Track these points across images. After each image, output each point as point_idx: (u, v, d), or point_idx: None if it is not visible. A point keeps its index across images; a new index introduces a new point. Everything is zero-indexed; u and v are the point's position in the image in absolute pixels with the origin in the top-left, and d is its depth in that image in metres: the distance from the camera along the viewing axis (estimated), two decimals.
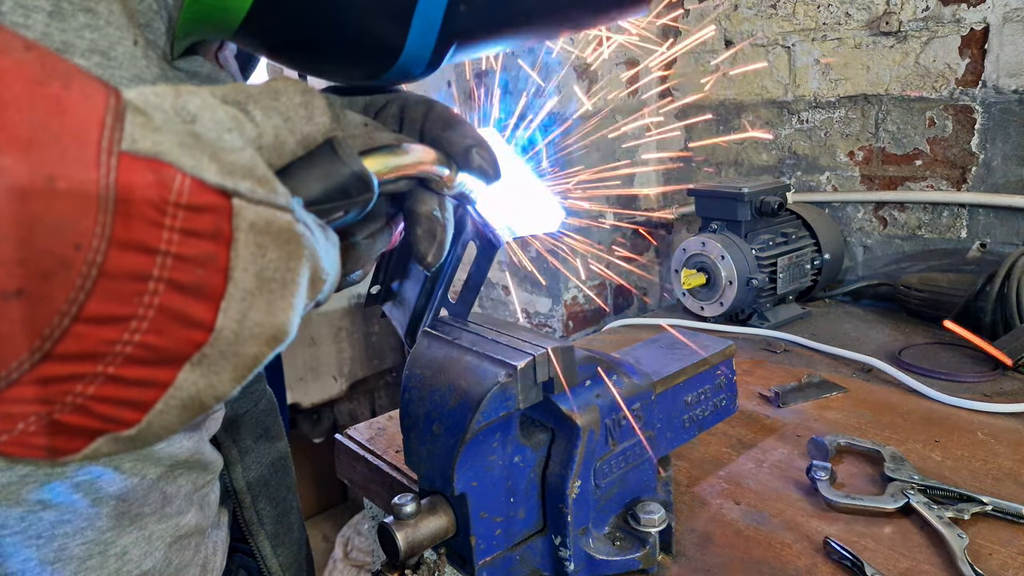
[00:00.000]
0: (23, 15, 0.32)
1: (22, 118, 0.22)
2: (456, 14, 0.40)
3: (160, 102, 0.26)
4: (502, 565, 0.54)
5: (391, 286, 0.63)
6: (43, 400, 0.25)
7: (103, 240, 0.24)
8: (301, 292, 0.30)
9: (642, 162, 1.70)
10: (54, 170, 0.23)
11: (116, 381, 0.26)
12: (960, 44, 1.19)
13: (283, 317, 0.29)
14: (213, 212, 0.26)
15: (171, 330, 0.26)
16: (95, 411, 0.26)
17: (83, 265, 0.24)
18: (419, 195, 0.44)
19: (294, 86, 0.32)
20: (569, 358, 0.51)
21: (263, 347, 0.29)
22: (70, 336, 0.24)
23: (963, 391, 0.90)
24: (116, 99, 0.25)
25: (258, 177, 0.28)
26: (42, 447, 0.26)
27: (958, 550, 0.58)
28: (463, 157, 0.43)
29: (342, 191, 0.33)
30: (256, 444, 0.57)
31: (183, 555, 0.46)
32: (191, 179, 0.26)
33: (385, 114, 0.46)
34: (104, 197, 0.24)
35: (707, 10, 1.54)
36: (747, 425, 0.85)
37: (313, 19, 0.40)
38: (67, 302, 0.24)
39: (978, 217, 1.23)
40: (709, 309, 1.21)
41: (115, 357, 0.25)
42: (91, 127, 0.24)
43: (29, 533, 0.38)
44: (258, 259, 0.28)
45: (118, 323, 0.25)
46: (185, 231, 0.25)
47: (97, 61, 0.35)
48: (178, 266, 0.25)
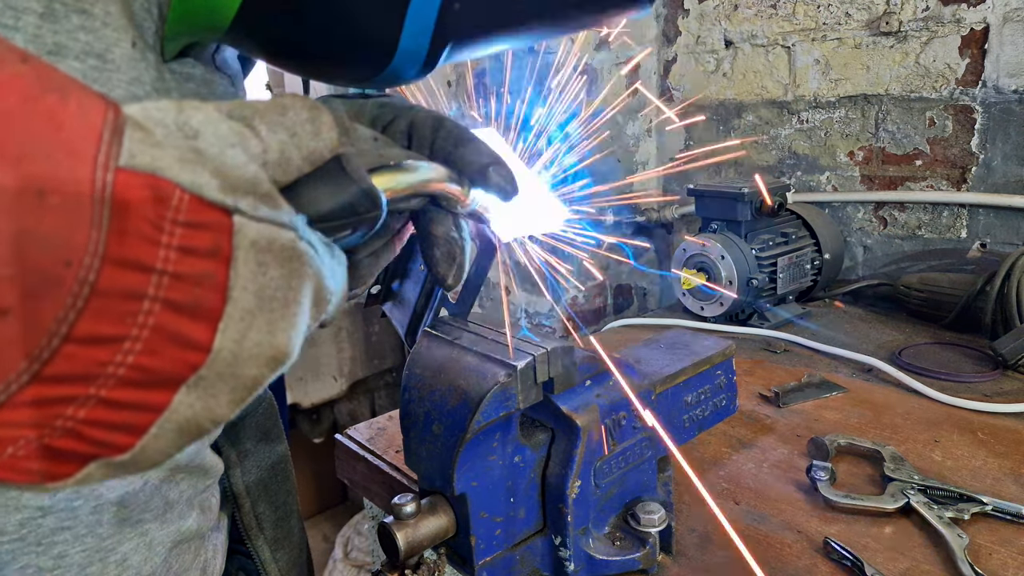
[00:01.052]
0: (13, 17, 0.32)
1: (14, 132, 0.22)
2: (450, 12, 0.39)
3: (162, 117, 0.26)
4: (502, 565, 0.54)
5: (391, 286, 0.63)
6: (32, 424, 0.24)
7: (96, 257, 0.23)
8: (304, 312, 0.29)
9: (642, 162, 1.70)
10: (45, 185, 0.22)
11: (108, 404, 0.25)
12: (960, 44, 1.19)
13: (284, 337, 0.28)
14: (212, 229, 0.25)
15: (166, 351, 0.25)
16: (87, 435, 0.25)
17: (74, 283, 0.23)
18: (434, 215, 0.43)
19: (301, 102, 0.31)
20: (569, 358, 0.51)
21: (263, 369, 0.28)
22: (60, 357, 0.23)
23: (963, 391, 0.90)
24: (115, 113, 0.24)
25: (261, 194, 0.27)
26: (32, 472, 0.25)
27: (958, 550, 0.58)
28: (480, 175, 0.42)
29: (350, 208, 0.32)
30: (256, 447, 0.57)
31: (183, 559, 0.46)
32: (190, 195, 0.25)
33: (393, 129, 0.45)
34: (98, 213, 0.23)
35: (707, 10, 1.54)
36: (747, 425, 0.85)
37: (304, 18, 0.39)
38: (57, 321, 0.23)
39: (978, 217, 1.23)
40: (709, 309, 1.21)
41: (107, 379, 0.25)
42: (88, 141, 0.23)
43: (28, 540, 0.38)
44: (259, 278, 0.27)
45: (110, 344, 0.24)
46: (183, 249, 0.25)
47: (93, 64, 0.34)
48: (174, 285, 0.25)
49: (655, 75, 1.68)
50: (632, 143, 1.67)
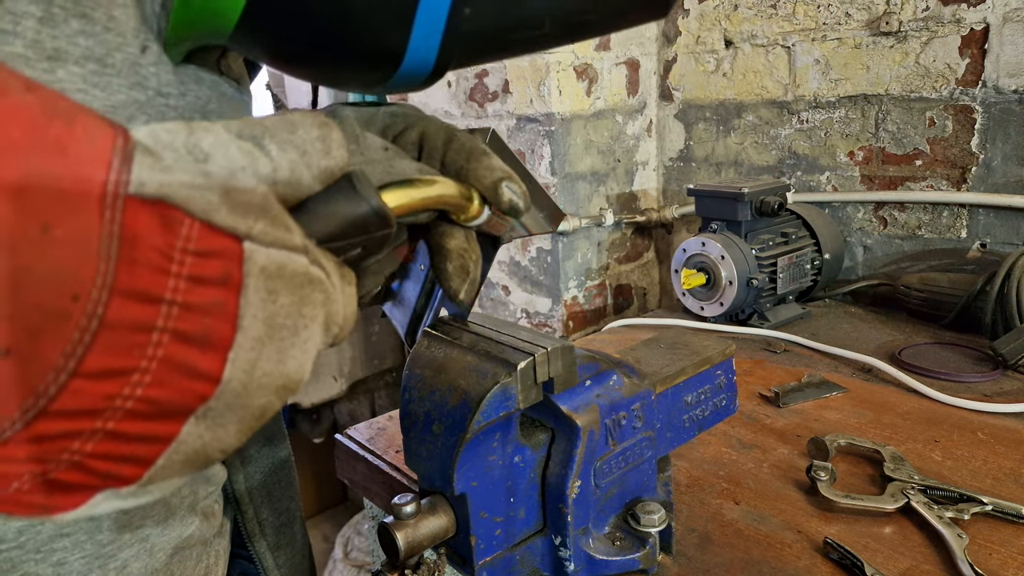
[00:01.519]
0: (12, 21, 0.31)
1: (17, 163, 0.21)
2: (460, 18, 0.38)
3: (172, 140, 0.25)
4: (502, 565, 0.54)
5: (391, 286, 0.63)
6: (37, 459, 0.23)
7: (104, 290, 0.22)
8: (314, 338, 0.29)
9: (642, 162, 1.70)
10: (50, 217, 0.21)
11: (116, 437, 0.24)
12: (960, 44, 1.19)
13: (294, 365, 0.28)
14: (223, 257, 0.25)
15: (175, 383, 0.25)
16: (93, 468, 0.25)
17: (82, 317, 0.22)
18: (446, 229, 0.43)
19: (312, 119, 0.31)
20: (569, 358, 0.51)
21: (272, 397, 0.27)
22: (67, 392, 0.23)
23: (963, 391, 0.90)
24: (124, 139, 0.23)
25: (271, 217, 0.27)
26: (38, 505, 0.25)
27: (958, 550, 0.58)
28: (492, 191, 0.42)
29: (360, 227, 0.32)
30: (260, 452, 0.56)
31: (185, 565, 0.45)
32: (200, 222, 0.24)
33: (404, 140, 0.44)
34: (106, 244, 0.22)
35: (707, 10, 1.54)
36: (747, 425, 0.85)
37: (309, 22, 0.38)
38: (64, 356, 0.22)
39: (978, 217, 1.23)
40: (709, 309, 1.21)
41: (115, 412, 0.24)
42: (96, 170, 0.22)
43: (27, 547, 0.37)
44: (269, 305, 0.26)
45: (119, 377, 0.23)
46: (192, 278, 0.24)
47: (92, 68, 0.34)
48: (184, 315, 0.24)
49: (655, 75, 1.68)
50: (632, 143, 1.67)
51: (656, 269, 1.80)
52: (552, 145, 1.52)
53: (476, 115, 1.65)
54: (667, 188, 1.73)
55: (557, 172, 1.53)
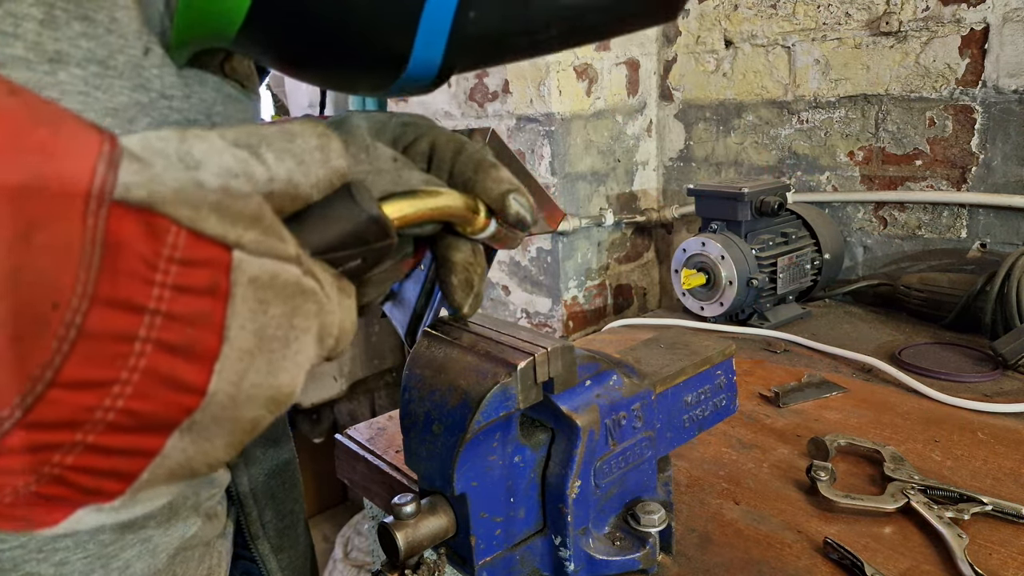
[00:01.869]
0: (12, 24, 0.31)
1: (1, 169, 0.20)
2: (466, 21, 0.38)
3: (163, 147, 0.25)
4: (502, 565, 0.54)
5: (391, 286, 0.63)
6: (17, 471, 0.23)
7: (84, 299, 0.22)
8: (307, 350, 0.28)
9: (642, 163, 1.70)
10: (32, 222, 0.21)
11: (97, 450, 0.23)
12: (960, 44, 1.19)
13: (286, 377, 0.27)
14: (209, 266, 0.24)
15: (158, 395, 0.24)
16: (74, 482, 0.24)
17: (60, 326, 0.21)
18: (451, 241, 0.42)
19: (311, 128, 0.30)
20: (569, 358, 0.51)
21: (262, 410, 0.27)
22: (44, 403, 0.22)
23: (963, 391, 0.90)
24: (111, 145, 0.23)
25: (264, 226, 0.26)
26: (19, 519, 0.24)
27: (958, 550, 0.58)
28: (499, 204, 0.41)
29: (359, 238, 0.31)
30: (264, 453, 0.56)
31: (187, 565, 0.45)
32: (187, 231, 0.24)
33: (414, 151, 0.44)
34: (88, 252, 0.22)
35: (707, 10, 1.54)
36: (747, 425, 0.85)
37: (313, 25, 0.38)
38: (41, 366, 0.22)
39: (978, 217, 1.23)
40: (709, 309, 1.21)
41: (95, 425, 0.23)
42: (80, 176, 0.22)
43: (30, 547, 0.37)
44: (259, 316, 0.26)
45: (99, 388, 0.23)
46: (177, 287, 0.23)
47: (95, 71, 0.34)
48: (168, 325, 0.23)
49: (655, 75, 1.68)
50: (632, 143, 1.67)
51: (656, 269, 1.80)
52: (552, 145, 1.52)
53: (476, 115, 1.65)
54: (667, 188, 1.73)
55: (557, 172, 1.53)
